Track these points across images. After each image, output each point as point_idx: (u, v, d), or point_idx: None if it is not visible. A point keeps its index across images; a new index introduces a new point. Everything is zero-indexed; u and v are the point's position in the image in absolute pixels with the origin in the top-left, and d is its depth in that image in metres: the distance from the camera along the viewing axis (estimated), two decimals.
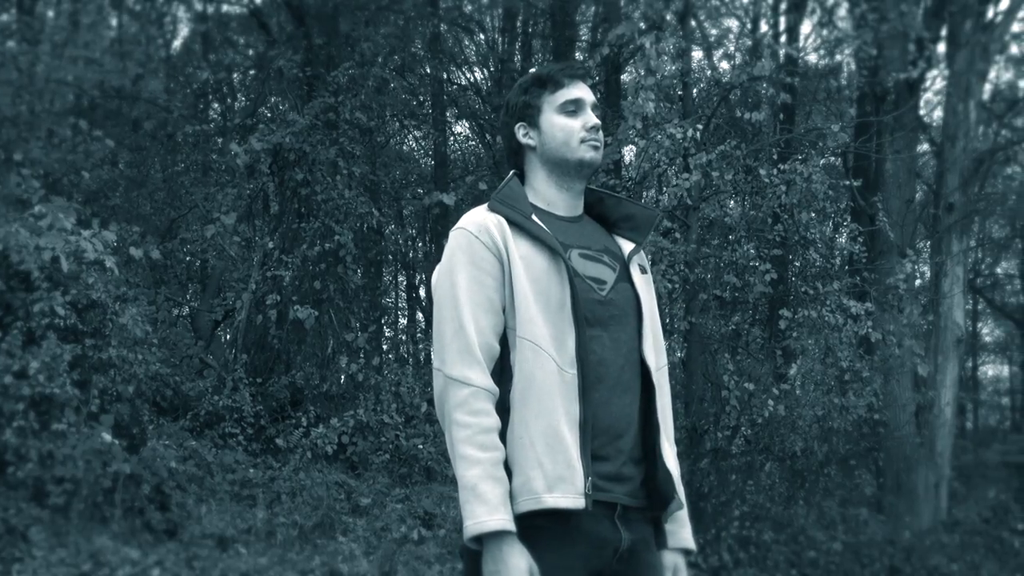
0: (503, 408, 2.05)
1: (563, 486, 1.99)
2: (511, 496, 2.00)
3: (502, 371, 2.09)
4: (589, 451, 2.02)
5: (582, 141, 2.20)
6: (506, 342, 2.09)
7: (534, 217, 2.15)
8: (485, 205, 2.19)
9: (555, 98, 2.22)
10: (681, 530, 2.24)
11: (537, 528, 1.98)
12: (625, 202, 2.32)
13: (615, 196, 2.33)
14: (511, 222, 2.12)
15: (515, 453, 2.01)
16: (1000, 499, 11.72)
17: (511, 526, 1.94)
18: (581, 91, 2.24)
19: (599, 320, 2.11)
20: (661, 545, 2.23)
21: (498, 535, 1.94)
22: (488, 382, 2.04)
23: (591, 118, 2.22)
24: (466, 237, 2.11)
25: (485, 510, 1.94)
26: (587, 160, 2.20)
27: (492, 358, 2.07)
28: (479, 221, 2.13)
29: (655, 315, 2.23)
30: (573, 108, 2.22)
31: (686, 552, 2.25)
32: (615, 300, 2.15)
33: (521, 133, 2.25)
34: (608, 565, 2.06)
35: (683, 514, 2.26)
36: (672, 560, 2.22)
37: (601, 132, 2.24)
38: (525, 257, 2.09)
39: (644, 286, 2.23)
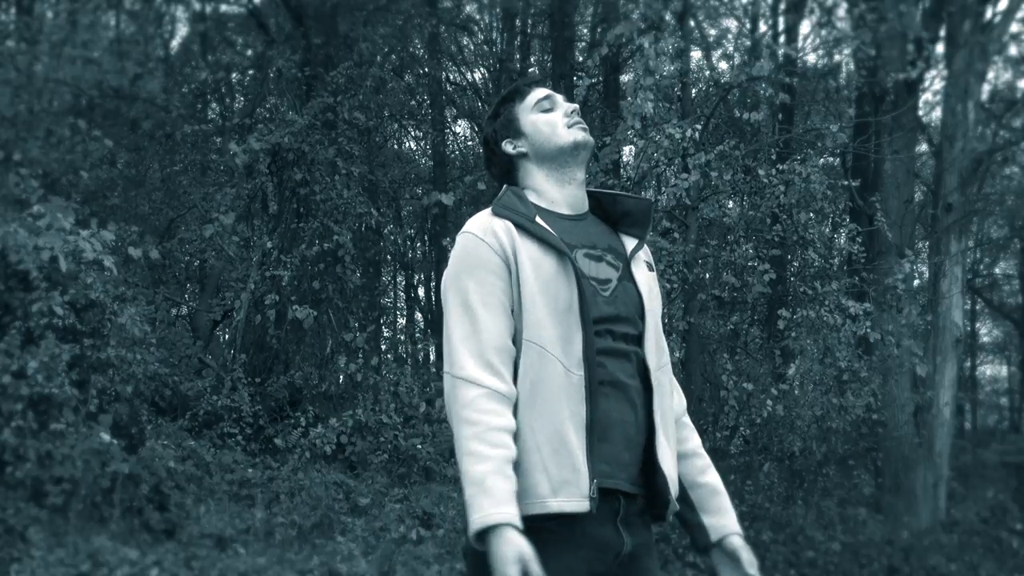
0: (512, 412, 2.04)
1: (568, 489, 2.00)
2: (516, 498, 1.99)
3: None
4: (595, 454, 2.02)
5: (568, 126, 2.25)
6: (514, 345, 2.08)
7: (538, 219, 2.15)
8: (489, 210, 2.19)
9: (527, 103, 2.29)
10: (723, 519, 2.21)
11: (543, 531, 1.98)
12: (620, 198, 2.32)
13: (610, 193, 2.33)
14: (517, 225, 2.12)
15: (521, 457, 2.01)
16: (998, 499, 11.72)
17: (516, 521, 1.91)
18: (547, 91, 2.32)
19: (605, 320, 2.11)
20: (703, 542, 2.20)
21: (500, 527, 1.89)
22: (501, 384, 2.01)
23: (568, 105, 2.29)
24: (472, 241, 2.11)
25: (491, 503, 1.90)
26: (580, 141, 2.24)
27: (511, 359, 2.05)
28: (484, 224, 2.13)
29: (658, 313, 2.23)
30: (548, 105, 2.29)
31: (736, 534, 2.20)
32: (619, 299, 2.15)
33: (510, 147, 2.28)
34: (609, 568, 2.06)
35: (724, 502, 2.23)
36: (730, 546, 2.18)
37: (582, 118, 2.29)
38: (533, 259, 2.09)
39: (648, 284, 2.23)
